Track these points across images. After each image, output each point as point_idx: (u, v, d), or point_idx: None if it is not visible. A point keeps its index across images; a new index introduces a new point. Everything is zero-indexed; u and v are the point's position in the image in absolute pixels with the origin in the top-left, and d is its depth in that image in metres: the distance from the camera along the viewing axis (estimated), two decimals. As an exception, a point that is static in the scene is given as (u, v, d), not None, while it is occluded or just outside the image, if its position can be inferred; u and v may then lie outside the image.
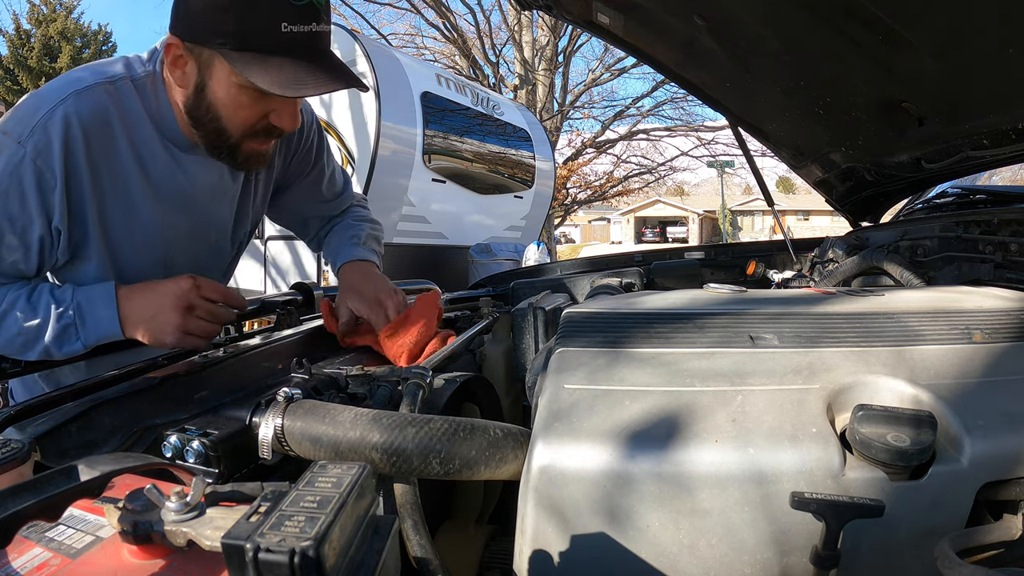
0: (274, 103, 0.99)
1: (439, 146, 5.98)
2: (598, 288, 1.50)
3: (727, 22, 1.33)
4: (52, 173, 0.95)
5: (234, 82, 0.94)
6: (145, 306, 0.99)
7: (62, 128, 0.94)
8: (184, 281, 1.00)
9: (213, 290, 1.03)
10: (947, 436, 0.59)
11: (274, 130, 1.03)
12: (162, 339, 0.99)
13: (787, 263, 1.93)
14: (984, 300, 0.86)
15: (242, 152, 1.04)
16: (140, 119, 1.02)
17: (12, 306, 0.97)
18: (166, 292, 0.99)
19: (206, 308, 1.02)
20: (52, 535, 0.47)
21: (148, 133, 1.03)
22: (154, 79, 1.02)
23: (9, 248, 0.97)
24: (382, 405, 0.79)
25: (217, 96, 0.96)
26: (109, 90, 0.99)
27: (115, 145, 1.00)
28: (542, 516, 0.58)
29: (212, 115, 0.98)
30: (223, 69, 0.94)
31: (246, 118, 0.99)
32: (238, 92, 0.95)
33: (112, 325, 0.98)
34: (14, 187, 0.94)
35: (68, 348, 0.99)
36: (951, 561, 0.49)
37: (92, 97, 0.97)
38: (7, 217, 0.95)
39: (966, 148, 1.33)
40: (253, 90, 0.93)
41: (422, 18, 14.07)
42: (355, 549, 0.38)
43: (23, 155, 0.93)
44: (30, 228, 0.97)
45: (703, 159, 17.21)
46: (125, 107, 1.00)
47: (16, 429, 0.76)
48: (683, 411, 0.61)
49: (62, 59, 18.21)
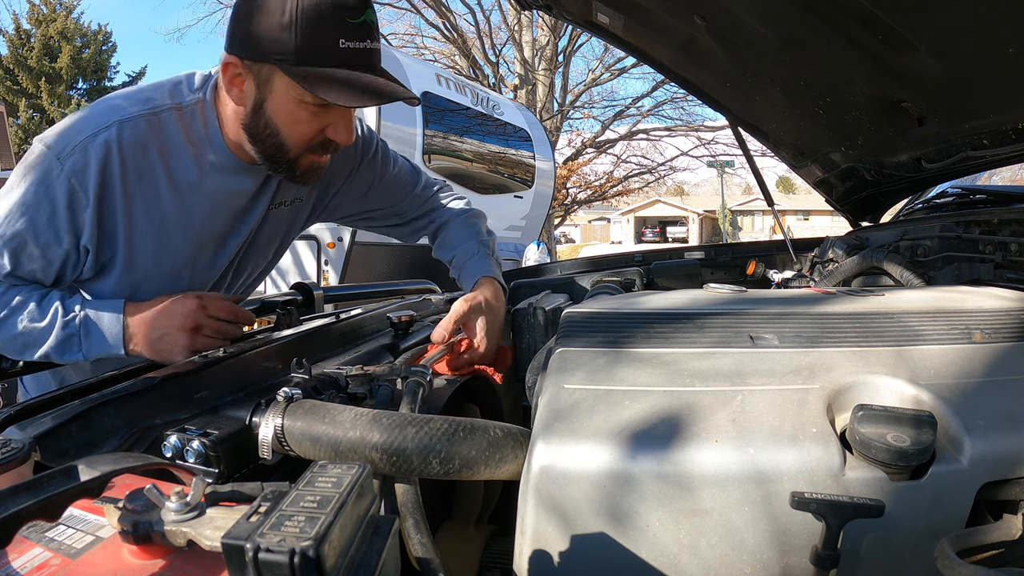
0: (331, 117, 1.01)
1: (439, 146, 5.99)
2: (598, 288, 1.50)
3: (727, 22, 1.33)
4: (85, 194, 0.98)
5: (293, 97, 0.97)
6: (153, 326, 1.00)
7: (102, 153, 0.98)
8: (190, 301, 1.01)
9: (219, 308, 1.04)
10: (947, 436, 0.59)
11: (330, 144, 1.05)
12: (170, 359, 1.00)
13: (787, 263, 1.93)
14: (984, 300, 0.86)
15: (300, 165, 1.06)
16: (179, 147, 1.05)
17: (21, 306, 0.99)
18: (173, 313, 1.00)
19: (213, 327, 1.03)
20: (52, 535, 0.47)
21: (187, 160, 1.06)
22: (204, 105, 1.05)
23: (29, 257, 1.00)
24: (382, 405, 0.79)
25: (276, 112, 0.99)
26: (151, 121, 1.02)
27: (152, 175, 1.04)
28: (542, 516, 0.58)
29: (271, 130, 1.01)
30: (283, 84, 0.96)
31: (304, 132, 1.01)
32: (297, 107, 0.98)
33: (116, 343, 1.00)
34: (45, 201, 0.97)
35: (68, 357, 1.01)
36: (951, 561, 0.49)
37: (133, 128, 1.01)
38: (32, 228, 0.98)
39: (966, 148, 1.33)
40: (312, 105, 0.97)
41: (422, 18, 14.10)
42: (355, 549, 0.38)
43: (60, 171, 0.97)
44: (53, 245, 0.99)
45: (703, 159, 17.23)
46: (165, 136, 1.04)
47: (16, 429, 0.76)
48: (683, 411, 0.61)
49: (62, 59, 18.23)
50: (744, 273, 1.91)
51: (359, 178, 1.32)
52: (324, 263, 5.58)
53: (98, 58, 19.58)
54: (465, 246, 1.31)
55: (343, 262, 5.47)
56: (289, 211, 1.26)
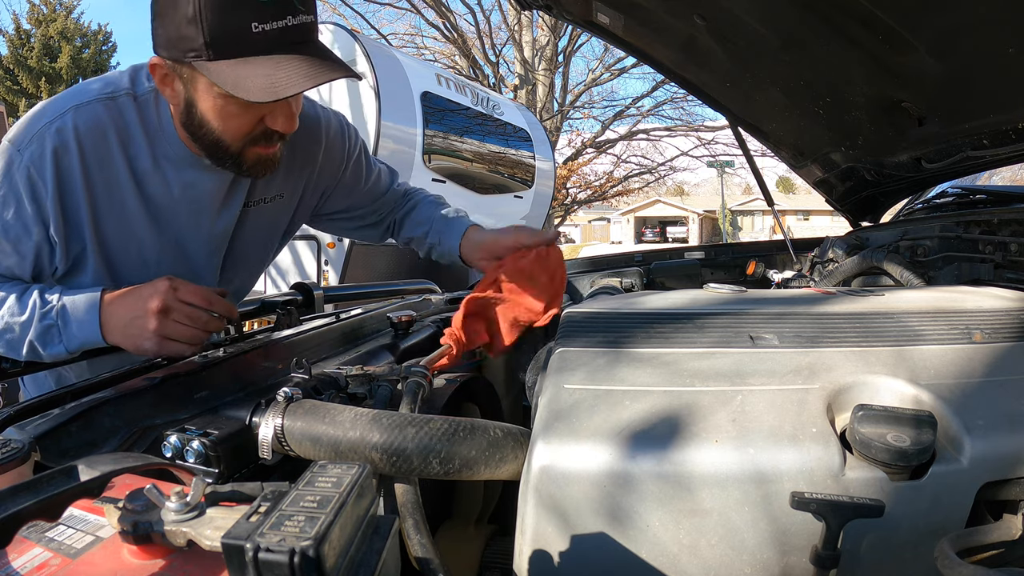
0: (266, 107, 0.95)
1: (439, 146, 5.99)
2: (598, 288, 1.50)
3: (727, 22, 1.33)
4: (44, 182, 0.95)
5: (217, 93, 0.92)
6: (123, 310, 0.96)
7: (56, 140, 0.95)
8: (160, 283, 0.96)
9: (192, 293, 0.98)
10: (947, 436, 0.59)
11: (273, 134, 1.00)
12: (140, 344, 0.95)
13: (787, 263, 1.93)
14: (984, 300, 0.86)
15: (246, 159, 1.02)
16: (136, 135, 1.01)
17: (1, 302, 0.97)
18: (142, 295, 0.96)
19: (184, 311, 0.96)
20: (52, 535, 0.47)
21: (143, 150, 1.02)
22: (157, 96, 1.01)
23: (3, 253, 0.99)
24: (382, 405, 0.79)
25: (206, 110, 0.94)
26: (108, 105, 0.99)
27: (111, 160, 1.00)
28: (542, 516, 0.58)
29: (206, 129, 0.97)
30: (204, 82, 0.91)
31: (239, 126, 0.97)
32: (224, 103, 0.93)
33: (93, 331, 0.96)
34: (11, 194, 0.96)
35: (51, 350, 0.98)
36: (951, 561, 0.49)
37: (90, 112, 0.97)
38: (2, 223, 0.96)
39: (966, 148, 1.33)
40: (238, 98, 0.90)
41: (422, 18, 14.09)
42: (355, 549, 0.38)
43: (20, 162, 0.95)
44: (24, 237, 0.98)
45: (703, 159, 17.23)
46: (123, 122, 1.00)
47: (16, 429, 0.76)
48: (683, 411, 0.61)
49: (62, 59, 18.22)
50: (744, 273, 1.91)
51: (348, 177, 1.31)
52: (324, 263, 5.59)
53: (98, 58, 19.59)
54: (439, 215, 1.31)
55: (343, 262, 5.47)
56: (271, 208, 1.22)
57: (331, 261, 5.57)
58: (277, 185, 1.20)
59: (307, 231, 5.62)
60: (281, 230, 1.30)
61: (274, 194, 1.21)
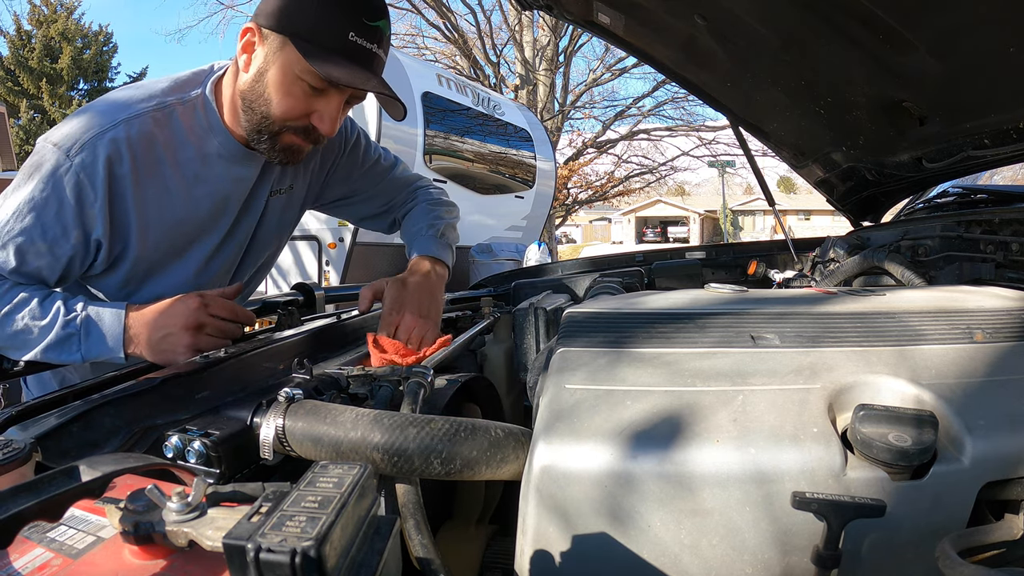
0: (319, 104, 1.05)
1: (440, 146, 5.99)
2: (599, 288, 1.50)
3: (728, 22, 1.33)
4: (94, 189, 1.00)
5: (294, 70, 1.01)
6: (155, 326, 1.00)
7: (110, 148, 1.01)
8: (192, 300, 1.01)
9: (221, 307, 1.04)
10: (948, 436, 0.59)
11: (313, 131, 1.08)
12: (173, 359, 0.99)
13: (788, 263, 1.93)
14: (985, 300, 0.86)
15: (281, 141, 1.09)
16: (184, 141, 1.09)
17: (23, 303, 0.99)
18: (175, 313, 1.00)
19: (215, 325, 1.03)
20: (53, 535, 0.47)
21: (191, 152, 1.10)
22: (203, 99, 1.10)
23: (36, 254, 1.01)
24: (383, 405, 0.79)
25: (274, 82, 1.03)
26: (157, 117, 1.06)
27: (160, 167, 1.08)
28: (543, 516, 0.58)
29: (263, 99, 1.04)
30: (289, 56, 1.00)
31: (292, 107, 1.04)
32: (294, 81, 1.02)
33: (115, 344, 1.00)
34: (53, 196, 0.99)
35: (65, 357, 1.01)
36: (952, 561, 0.49)
37: (141, 125, 1.04)
38: (40, 224, 0.99)
39: (967, 147, 1.33)
40: (308, 84, 1.02)
41: (423, 18, 14.08)
42: (356, 549, 0.38)
43: (68, 167, 0.99)
44: (61, 240, 1.01)
45: (704, 159, 17.21)
46: (171, 130, 1.08)
47: (17, 429, 0.76)
48: (684, 411, 0.61)
49: (63, 60, 18.25)
50: (745, 273, 1.91)
51: (344, 163, 1.38)
52: (325, 263, 5.59)
53: (99, 59, 19.62)
54: (416, 228, 1.35)
55: (344, 262, 5.48)
56: (285, 199, 1.30)
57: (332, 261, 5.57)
58: (289, 176, 1.28)
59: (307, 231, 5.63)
60: (291, 221, 1.37)
61: (288, 184, 1.29)
